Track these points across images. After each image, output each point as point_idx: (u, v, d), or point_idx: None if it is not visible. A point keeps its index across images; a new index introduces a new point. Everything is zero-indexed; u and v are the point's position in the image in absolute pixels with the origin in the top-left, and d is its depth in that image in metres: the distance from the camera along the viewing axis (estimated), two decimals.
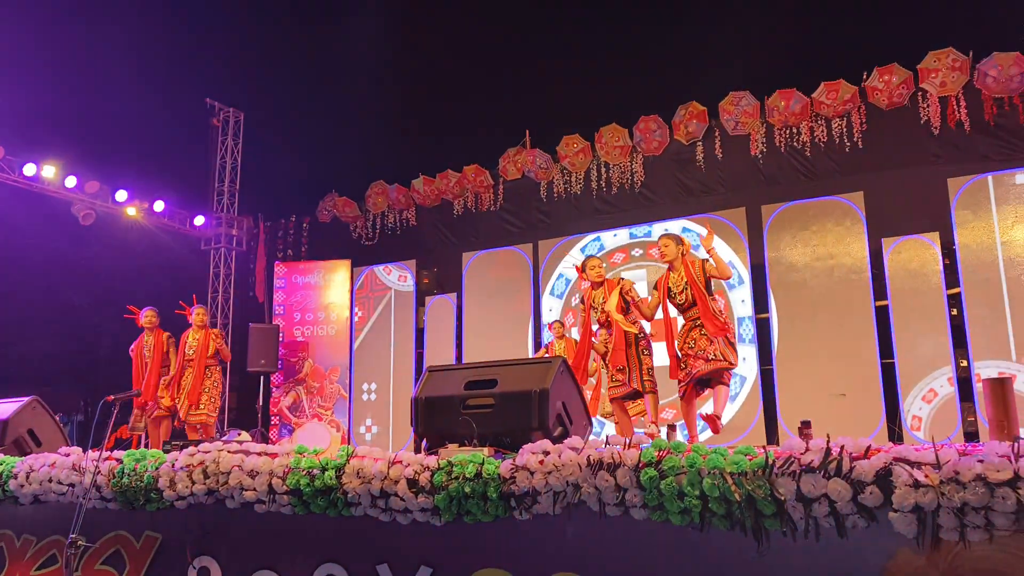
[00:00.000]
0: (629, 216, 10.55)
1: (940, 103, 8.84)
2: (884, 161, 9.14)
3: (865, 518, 2.68)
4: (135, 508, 4.29)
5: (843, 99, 9.24)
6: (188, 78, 12.86)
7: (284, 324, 12.00)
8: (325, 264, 12.28)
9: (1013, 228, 8.17)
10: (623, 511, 3.09)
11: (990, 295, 8.17)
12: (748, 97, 9.68)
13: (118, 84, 11.75)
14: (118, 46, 11.93)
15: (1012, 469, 2.51)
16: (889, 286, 8.66)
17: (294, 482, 3.73)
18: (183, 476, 4.08)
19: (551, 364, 3.84)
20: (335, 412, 11.67)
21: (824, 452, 2.76)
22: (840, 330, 8.82)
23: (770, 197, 9.56)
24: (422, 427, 3.98)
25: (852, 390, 8.61)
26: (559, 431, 3.72)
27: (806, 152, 9.52)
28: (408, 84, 13.16)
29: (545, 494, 3.22)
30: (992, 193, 8.31)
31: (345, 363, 11.86)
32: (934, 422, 8.20)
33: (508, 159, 11.30)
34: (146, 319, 8.29)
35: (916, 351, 8.43)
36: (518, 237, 11.31)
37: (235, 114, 13.49)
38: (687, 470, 2.94)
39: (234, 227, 13.37)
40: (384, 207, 12.40)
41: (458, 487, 3.35)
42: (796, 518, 2.76)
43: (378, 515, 3.59)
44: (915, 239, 8.65)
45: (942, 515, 2.56)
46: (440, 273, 11.78)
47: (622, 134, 10.48)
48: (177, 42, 12.57)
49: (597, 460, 3.13)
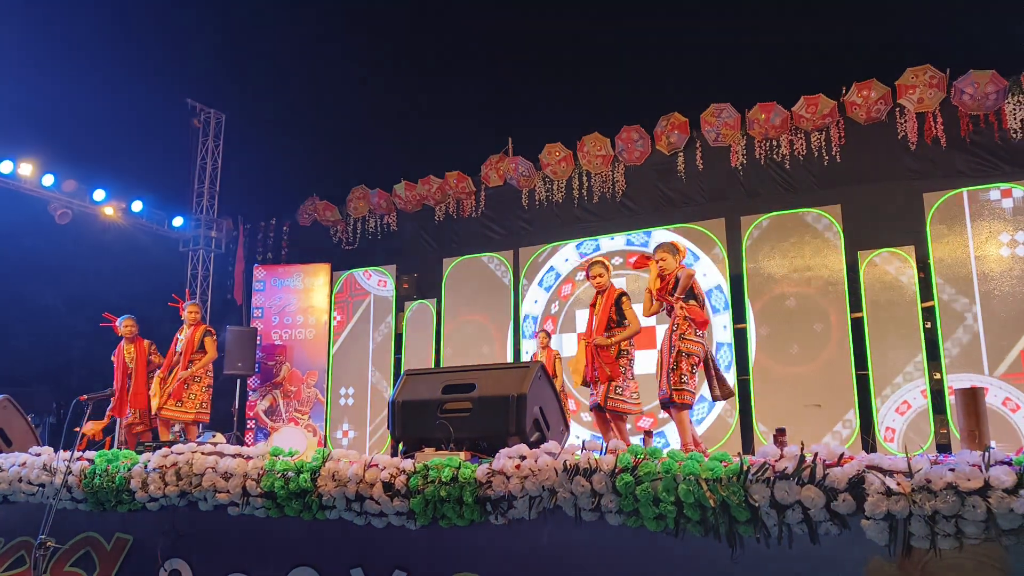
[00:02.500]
0: (610, 225, 10.59)
1: (917, 119, 8.97)
2: (861, 175, 9.24)
3: (838, 525, 2.70)
4: (106, 509, 4.24)
5: (822, 113, 9.34)
6: (169, 78, 12.79)
7: (262, 327, 11.92)
8: (305, 268, 12.23)
9: (987, 243, 8.29)
10: (598, 516, 3.09)
11: (963, 309, 8.27)
12: (729, 109, 9.77)
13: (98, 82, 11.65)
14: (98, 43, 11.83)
15: (982, 478, 2.54)
16: (865, 298, 8.75)
17: (268, 484, 3.71)
18: (155, 477, 4.04)
19: (529, 369, 3.84)
20: (312, 416, 11.60)
21: (798, 459, 2.78)
22: (816, 341, 8.90)
23: (749, 208, 9.64)
24: (399, 430, 3.96)
25: (827, 400, 8.68)
26: (536, 436, 3.73)
27: (785, 165, 9.62)
28: (391, 89, 13.15)
29: (521, 499, 3.22)
30: (967, 208, 8.43)
31: (323, 367, 11.80)
32: (907, 434, 8.29)
33: (490, 166, 11.32)
34: (125, 328, 7.96)
35: (890, 363, 8.52)
36: (499, 244, 11.33)
37: (216, 115, 13.41)
38: (663, 476, 2.96)
39: (213, 229, 13.27)
40: (365, 211, 12.37)
41: (434, 491, 3.34)
42: (770, 525, 2.78)
43: (353, 518, 3.57)
44: (891, 252, 8.75)
45: (913, 523, 2.59)
46: (420, 278, 11.76)
47: (604, 143, 10.53)
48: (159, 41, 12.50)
49: (573, 465, 3.14)
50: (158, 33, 12.53)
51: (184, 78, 13.04)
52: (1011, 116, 8.49)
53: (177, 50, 12.67)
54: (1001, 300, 8.13)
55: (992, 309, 8.14)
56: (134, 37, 12.28)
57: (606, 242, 10.37)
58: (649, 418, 9.54)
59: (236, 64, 13.27)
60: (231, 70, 13.29)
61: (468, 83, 12.59)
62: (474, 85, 12.58)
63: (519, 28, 12.57)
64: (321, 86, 13.02)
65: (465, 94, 12.69)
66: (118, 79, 11.70)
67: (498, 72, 12.49)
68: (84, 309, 12.50)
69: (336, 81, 13.01)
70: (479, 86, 12.54)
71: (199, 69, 13.11)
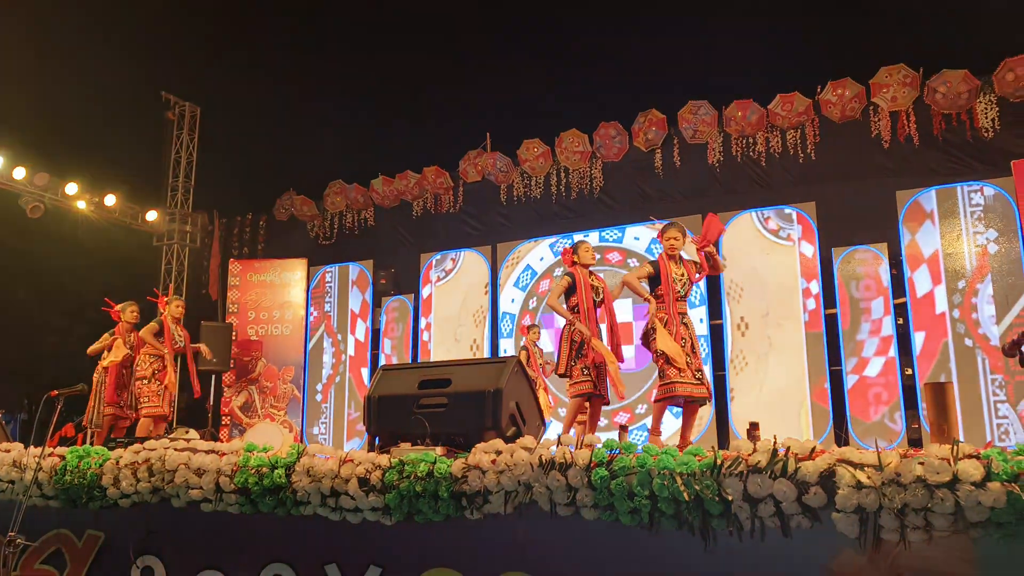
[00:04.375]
0: (588, 221, 10.62)
1: (891, 117, 9.06)
2: (836, 172, 9.33)
3: (809, 518, 2.73)
4: (77, 506, 4.19)
5: (798, 111, 9.42)
6: (143, 70, 12.60)
7: (238, 323, 11.83)
8: (281, 263, 12.14)
9: (958, 240, 8.40)
10: (574, 511, 3.10)
11: (934, 306, 8.39)
12: (706, 106, 9.82)
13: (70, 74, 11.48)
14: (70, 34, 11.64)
15: (951, 471, 2.57)
16: (839, 294, 8.84)
17: (242, 481, 3.68)
18: (127, 474, 4.00)
19: (505, 364, 3.84)
20: (288, 412, 11.53)
21: (771, 453, 2.81)
22: (791, 336, 8.98)
23: (726, 205, 9.69)
24: (375, 426, 3.95)
25: (800, 395, 8.77)
26: (512, 431, 3.73)
27: (761, 162, 9.69)
28: (369, 84, 13.07)
29: (496, 493, 3.22)
30: (938, 206, 8.53)
31: (299, 363, 11.73)
32: (880, 428, 8.39)
33: (468, 161, 11.30)
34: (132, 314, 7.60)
35: (863, 358, 8.61)
36: (477, 239, 11.31)
37: (191, 108, 13.27)
38: (637, 470, 2.97)
39: (188, 223, 13.14)
40: (343, 207, 12.31)
41: (409, 486, 3.33)
42: (743, 518, 2.81)
43: (328, 514, 3.56)
44: (864, 249, 8.85)
45: (883, 516, 2.62)
46: (398, 274, 11.72)
47: (582, 139, 10.54)
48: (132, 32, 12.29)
49: (549, 460, 3.15)
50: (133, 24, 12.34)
51: (159, 70, 12.89)
52: (983, 115, 8.60)
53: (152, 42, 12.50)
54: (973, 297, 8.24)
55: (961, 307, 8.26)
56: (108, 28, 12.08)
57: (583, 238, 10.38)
58: (626, 413, 9.59)
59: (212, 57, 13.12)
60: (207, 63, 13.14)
61: (446, 78, 12.56)
62: (453, 80, 12.54)
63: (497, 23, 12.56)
64: (297, 80, 12.91)
65: (443, 89, 12.65)
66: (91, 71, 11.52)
67: (476, 67, 12.47)
68: (56, 304, 12.36)
69: (312, 75, 12.92)
70: (458, 81, 12.51)
71: (174, 61, 12.96)
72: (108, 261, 11.99)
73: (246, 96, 12.75)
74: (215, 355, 10.96)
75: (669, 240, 5.59)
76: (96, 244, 11.99)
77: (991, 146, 8.60)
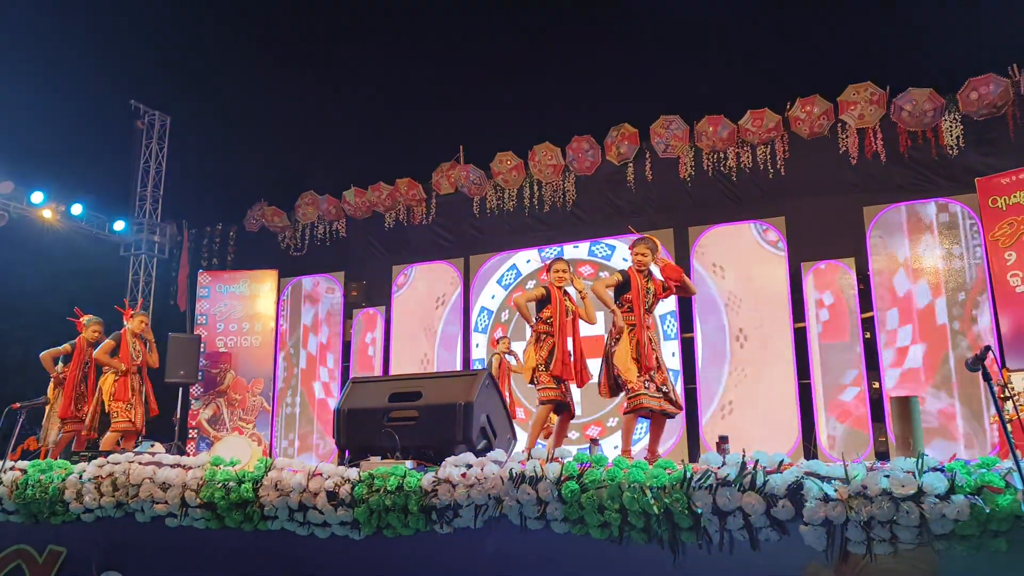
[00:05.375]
0: (561, 234, 10.65)
1: (858, 134, 9.21)
2: (805, 188, 9.44)
3: (777, 531, 2.75)
4: (39, 521, 4.11)
5: (767, 127, 9.54)
6: (112, 78, 12.45)
7: (206, 334, 11.68)
8: (251, 274, 12.02)
9: (923, 256, 8.54)
10: (544, 525, 3.10)
11: (900, 320, 8.51)
12: (678, 121, 9.91)
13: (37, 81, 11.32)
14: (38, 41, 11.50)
15: (916, 484, 2.60)
16: (807, 308, 8.94)
17: (208, 495, 3.63)
18: (91, 488, 3.93)
19: (476, 377, 3.83)
20: (257, 425, 11.39)
21: (740, 466, 2.82)
22: (761, 350, 9.06)
23: (697, 219, 9.78)
24: (344, 439, 3.92)
25: (771, 408, 8.84)
26: (483, 444, 3.72)
27: (732, 177, 9.79)
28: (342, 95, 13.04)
29: (467, 507, 3.21)
30: (904, 222, 8.68)
31: (269, 375, 11.61)
32: (847, 441, 8.47)
33: (441, 173, 11.29)
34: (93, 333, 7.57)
35: (831, 372, 8.71)
36: (450, 251, 11.29)
37: (161, 117, 13.14)
38: (608, 484, 2.97)
39: (157, 233, 12.98)
40: (314, 217, 12.23)
41: (379, 500, 3.31)
42: (712, 531, 2.82)
43: (296, 529, 3.52)
44: (832, 264, 8.97)
45: (850, 529, 2.65)
46: (369, 286, 11.66)
47: (555, 153, 10.59)
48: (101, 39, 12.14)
49: (519, 473, 3.14)
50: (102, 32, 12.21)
51: (128, 79, 12.74)
52: (947, 133, 8.77)
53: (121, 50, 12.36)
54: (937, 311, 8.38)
55: (927, 321, 8.38)
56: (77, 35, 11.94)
57: (557, 250, 10.42)
58: (597, 426, 9.60)
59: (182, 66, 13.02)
60: (177, 72, 13.03)
61: (420, 90, 12.57)
62: (425, 92, 12.56)
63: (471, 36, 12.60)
64: (269, 90, 12.84)
65: (416, 101, 12.65)
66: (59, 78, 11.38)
67: (450, 79, 12.49)
68: (20, 315, 12.11)
69: (285, 85, 12.86)
70: (431, 93, 12.52)
71: (144, 70, 12.83)
72: (74, 271, 11.79)
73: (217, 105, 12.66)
74: (184, 368, 10.83)
75: (637, 255, 5.64)
76: (62, 254, 11.79)
77: (956, 164, 8.76)
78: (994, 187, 8.19)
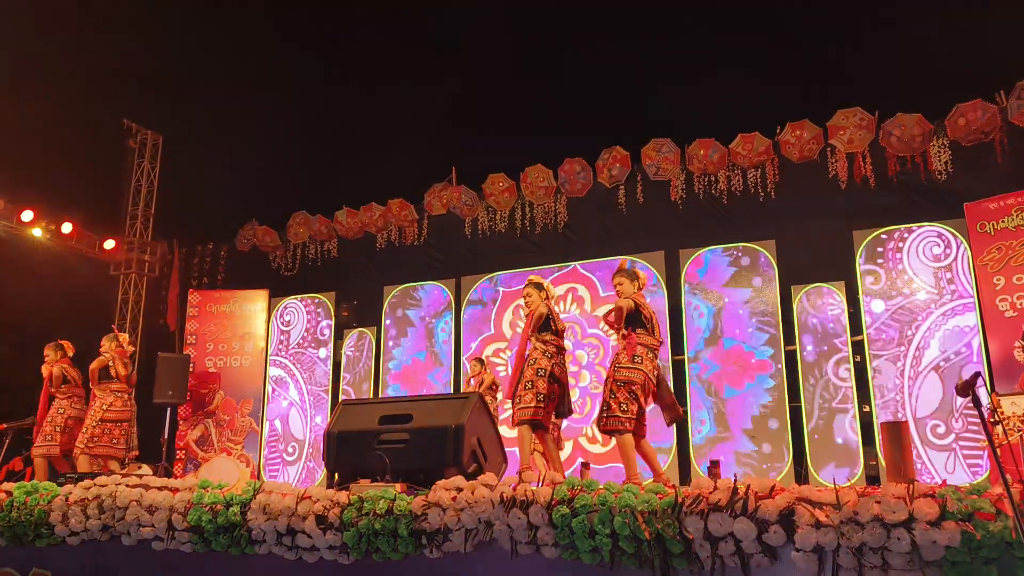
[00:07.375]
0: (552, 255, 10.66)
1: (847, 159, 9.28)
2: (795, 211, 9.50)
3: (769, 557, 2.73)
4: (24, 544, 4.05)
5: (758, 151, 9.60)
6: (104, 97, 12.46)
7: (195, 354, 11.62)
8: (242, 293, 11.98)
9: (913, 280, 8.59)
10: (534, 549, 3.08)
11: (889, 344, 8.54)
12: (669, 144, 9.97)
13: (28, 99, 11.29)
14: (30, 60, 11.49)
15: (907, 510, 2.60)
16: (797, 332, 8.96)
17: (195, 518, 3.59)
18: (77, 511, 3.88)
19: (467, 400, 3.82)
20: (246, 446, 11.30)
21: (731, 491, 2.81)
22: (751, 373, 9.06)
23: (688, 242, 9.82)
24: (334, 462, 3.89)
25: (761, 432, 8.84)
26: (474, 468, 3.70)
27: (723, 200, 9.83)
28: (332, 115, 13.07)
29: (457, 531, 3.18)
30: (893, 246, 8.73)
31: (258, 395, 11.54)
32: (838, 465, 8.47)
33: (433, 194, 11.31)
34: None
35: (822, 396, 8.72)
36: (441, 272, 11.29)
37: (153, 137, 13.14)
38: (599, 508, 2.96)
39: (147, 252, 12.94)
40: (306, 238, 12.21)
41: (368, 523, 3.28)
42: (703, 557, 2.80)
43: (284, 553, 3.48)
44: (823, 287, 9.01)
45: (841, 555, 2.64)
46: (360, 306, 11.63)
47: (547, 175, 10.62)
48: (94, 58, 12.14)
49: (510, 497, 3.12)
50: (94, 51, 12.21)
51: (120, 98, 12.75)
52: (936, 158, 8.85)
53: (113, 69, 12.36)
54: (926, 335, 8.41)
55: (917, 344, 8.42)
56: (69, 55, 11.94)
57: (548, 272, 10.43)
58: None
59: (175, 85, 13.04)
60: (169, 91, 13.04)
61: (412, 111, 12.60)
62: (418, 113, 12.60)
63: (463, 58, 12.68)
64: (262, 110, 12.86)
65: (409, 122, 12.69)
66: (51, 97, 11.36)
67: (441, 101, 12.55)
68: (7, 334, 12.01)
69: (277, 105, 12.89)
70: (423, 114, 12.57)
71: (136, 89, 12.84)
72: (62, 290, 11.73)
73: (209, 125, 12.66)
74: (172, 388, 10.75)
75: (614, 284, 5.88)
76: (51, 273, 11.73)
77: (944, 188, 8.83)
78: (982, 212, 8.26)
